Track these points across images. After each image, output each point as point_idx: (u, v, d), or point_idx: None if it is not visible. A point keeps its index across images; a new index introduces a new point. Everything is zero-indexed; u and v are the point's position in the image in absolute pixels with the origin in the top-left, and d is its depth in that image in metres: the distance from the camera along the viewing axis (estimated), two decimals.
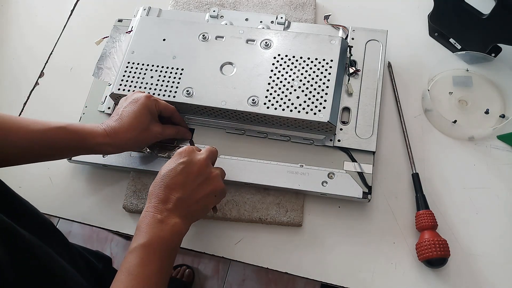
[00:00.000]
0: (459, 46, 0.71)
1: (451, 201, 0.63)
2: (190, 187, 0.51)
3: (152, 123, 0.58)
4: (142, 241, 0.47)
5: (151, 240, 0.47)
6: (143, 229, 0.48)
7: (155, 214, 0.48)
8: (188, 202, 0.51)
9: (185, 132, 0.64)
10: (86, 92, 0.71)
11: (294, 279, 1.24)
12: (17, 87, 0.78)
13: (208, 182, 0.52)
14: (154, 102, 0.58)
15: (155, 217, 0.48)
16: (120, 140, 0.55)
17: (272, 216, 0.62)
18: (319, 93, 0.61)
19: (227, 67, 0.65)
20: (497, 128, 0.65)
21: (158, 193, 0.50)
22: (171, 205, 0.49)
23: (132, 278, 0.45)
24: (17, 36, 0.84)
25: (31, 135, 0.52)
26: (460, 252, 0.60)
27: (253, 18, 0.73)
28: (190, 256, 1.31)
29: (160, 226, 0.48)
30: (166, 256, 0.48)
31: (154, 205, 0.49)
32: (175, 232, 0.49)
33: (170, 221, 0.49)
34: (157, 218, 0.48)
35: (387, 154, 0.66)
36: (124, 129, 0.55)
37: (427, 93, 0.67)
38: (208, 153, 0.55)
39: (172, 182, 0.50)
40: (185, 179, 0.51)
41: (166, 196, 0.50)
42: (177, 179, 0.50)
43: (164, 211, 0.49)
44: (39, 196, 0.67)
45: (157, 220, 0.48)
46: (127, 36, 0.72)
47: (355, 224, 0.62)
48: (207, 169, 0.53)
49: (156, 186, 0.50)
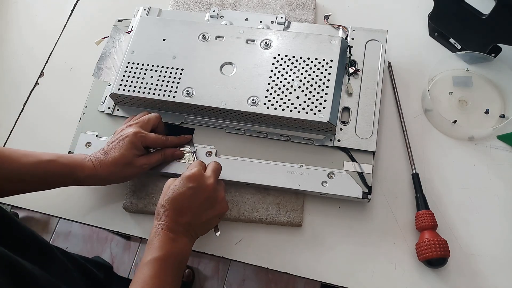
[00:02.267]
0: (459, 46, 0.71)
1: (451, 201, 0.63)
2: (198, 212, 0.54)
3: (136, 158, 0.59)
4: (156, 255, 0.50)
5: (165, 255, 0.50)
6: (156, 245, 0.51)
7: (167, 233, 0.51)
8: (195, 225, 0.54)
9: (172, 152, 0.63)
10: (86, 92, 0.71)
11: (294, 279, 1.24)
12: (17, 87, 0.78)
13: (215, 207, 0.55)
14: (141, 139, 0.59)
15: (167, 235, 0.51)
16: (105, 173, 0.57)
17: (272, 216, 0.62)
18: (319, 93, 0.61)
19: (227, 67, 0.65)
20: (497, 128, 0.65)
21: (167, 213, 0.52)
22: (181, 227, 0.53)
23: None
24: (17, 36, 0.84)
25: (23, 168, 0.54)
26: (460, 252, 0.60)
27: (253, 18, 0.73)
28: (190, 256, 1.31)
29: (172, 244, 0.51)
30: (177, 270, 0.52)
31: (166, 225, 0.52)
32: (184, 249, 0.53)
33: (181, 240, 0.52)
34: (170, 237, 0.51)
35: (387, 154, 0.66)
36: (108, 163, 0.57)
37: (427, 93, 0.67)
38: (215, 174, 0.57)
39: (181, 206, 0.53)
40: (194, 204, 0.53)
41: (176, 218, 0.52)
42: (185, 203, 0.53)
43: (175, 231, 0.52)
44: (39, 196, 0.67)
45: (170, 238, 0.51)
46: (127, 36, 0.72)
47: (355, 224, 0.62)
48: (215, 194, 0.55)
49: (165, 206, 0.53)
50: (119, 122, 0.68)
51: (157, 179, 0.65)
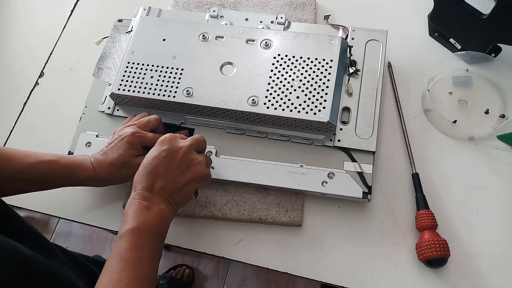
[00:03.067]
0: (459, 46, 0.71)
1: (451, 201, 0.63)
2: (173, 175, 0.52)
3: (135, 158, 0.58)
4: (131, 226, 0.48)
5: (140, 225, 0.48)
6: (131, 215, 0.49)
7: (141, 201, 0.49)
8: (171, 189, 0.52)
9: None
10: (86, 92, 0.71)
11: (294, 279, 1.24)
12: (17, 87, 0.78)
13: (190, 169, 0.53)
14: (138, 138, 0.59)
15: (141, 204, 0.49)
16: (104, 174, 0.57)
17: (272, 216, 0.62)
18: (319, 93, 0.61)
19: (227, 67, 0.65)
20: (497, 128, 0.65)
21: (142, 180, 0.51)
22: (155, 192, 0.51)
23: (124, 263, 0.46)
24: (17, 36, 0.84)
25: (24, 169, 0.54)
26: (460, 252, 0.60)
27: (253, 18, 0.73)
28: (190, 256, 1.31)
29: (147, 212, 0.49)
30: (156, 241, 0.49)
31: (139, 193, 0.50)
32: (162, 217, 0.50)
33: (156, 207, 0.50)
34: (144, 205, 0.49)
35: (387, 154, 0.66)
36: (106, 164, 0.57)
37: (427, 93, 0.67)
38: (192, 141, 0.55)
39: (155, 170, 0.51)
40: (167, 166, 0.52)
41: (150, 183, 0.51)
42: (159, 167, 0.51)
43: (149, 198, 0.50)
44: (39, 196, 0.67)
45: (144, 206, 0.49)
46: (127, 36, 0.72)
47: (355, 224, 0.62)
48: (189, 156, 0.53)
49: (140, 174, 0.51)
50: (119, 122, 0.68)
51: None
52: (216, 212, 0.63)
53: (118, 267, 0.45)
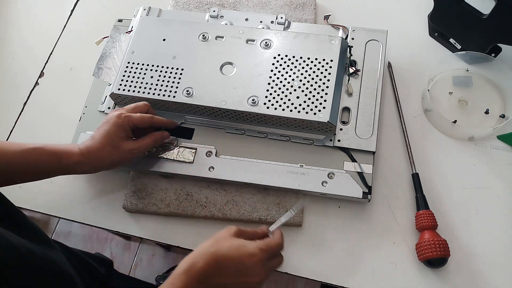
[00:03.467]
0: (459, 46, 0.71)
1: (451, 201, 0.63)
2: (233, 285, 0.47)
3: (123, 141, 0.58)
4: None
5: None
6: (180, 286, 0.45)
7: (195, 284, 0.45)
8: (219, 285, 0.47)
9: (161, 134, 0.63)
10: (86, 92, 0.71)
11: (294, 279, 1.24)
12: (17, 87, 0.78)
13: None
14: (125, 119, 0.58)
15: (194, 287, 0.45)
16: (93, 159, 0.56)
17: (272, 216, 0.62)
18: (319, 93, 0.61)
19: (227, 67, 0.65)
20: (497, 128, 0.65)
21: (209, 262, 0.46)
22: (210, 284, 0.46)
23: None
24: (17, 36, 0.84)
25: (10, 158, 0.54)
26: (460, 252, 0.60)
27: (253, 18, 0.73)
28: None
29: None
30: None
31: (200, 276, 0.46)
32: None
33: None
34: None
35: (387, 154, 0.66)
36: (95, 148, 0.56)
37: (427, 93, 0.67)
38: (277, 265, 0.51)
39: (224, 268, 0.47)
40: (234, 276, 0.47)
41: (212, 274, 0.46)
42: (229, 269, 0.47)
43: (203, 284, 0.46)
44: (39, 196, 0.68)
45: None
46: (127, 36, 0.72)
47: (355, 224, 0.62)
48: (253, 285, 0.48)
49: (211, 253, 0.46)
50: None
51: (157, 179, 0.65)
52: (216, 212, 0.63)
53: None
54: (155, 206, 0.64)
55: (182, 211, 0.63)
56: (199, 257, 0.46)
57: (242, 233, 0.51)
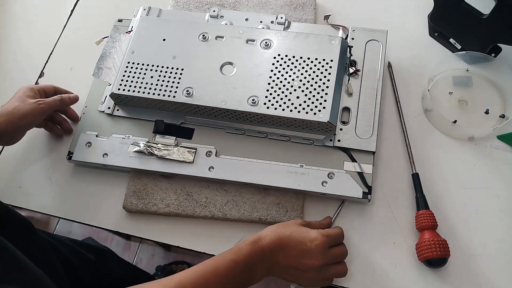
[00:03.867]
0: (459, 46, 0.71)
1: (451, 201, 0.63)
2: (291, 266, 0.53)
3: (30, 97, 0.63)
4: (241, 259, 0.50)
5: (248, 266, 0.50)
6: (246, 254, 0.51)
7: (259, 255, 0.51)
8: (279, 268, 0.53)
9: (69, 97, 0.68)
10: (86, 92, 0.71)
11: None
12: (17, 87, 0.78)
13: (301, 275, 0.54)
14: (31, 86, 0.66)
15: (258, 257, 0.51)
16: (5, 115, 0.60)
17: (272, 216, 0.62)
18: (319, 93, 0.61)
19: (227, 67, 0.65)
20: (497, 128, 0.65)
21: (275, 243, 0.52)
22: (271, 260, 0.52)
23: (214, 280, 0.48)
24: (17, 36, 0.84)
25: None
26: (460, 252, 0.60)
27: (253, 18, 0.73)
28: (190, 256, 1.31)
29: (257, 265, 0.51)
30: (242, 283, 0.51)
31: (264, 249, 0.51)
32: (258, 276, 0.52)
33: (263, 268, 0.52)
34: (259, 259, 0.51)
35: (387, 154, 0.66)
36: (3, 109, 0.61)
37: (427, 93, 0.67)
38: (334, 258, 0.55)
39: (287, 248, 0.52)
40: (295, 257, 0.52)
41: (276, 251, 0.52)
42: (293, 251, 0.52)
43: (266, 259, 0.52)
44: (39, 196, 0.68)
45: (259, 259, 0.51)
46: (127, 36, 0.72)
47: (355, 224, 0.62)
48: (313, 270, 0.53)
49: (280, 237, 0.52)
50: (119, 122, 0.68)
51: (157, 179, 0.65)
52: (216, 212, 0.63)
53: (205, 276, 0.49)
54: (155, 206, 0.64)
55: (182, 211, 0.63)
56: (266, 234, 0.53)
57: (307, 223, 0.57)
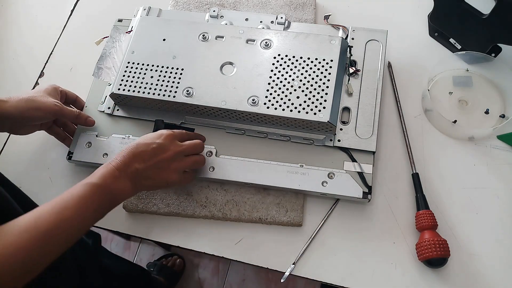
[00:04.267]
0: (459, 46, 0.71)
1: (451, 201, 0.63)
2: (150, 166, 0.55)
3: (51, 96, 0.63)
4: (94, 181, 0.51)
5: (102, 185, 0.51)
6: (99, 174, 0.52)
7: (114, 170, 0.53)
8: (142, 176, 0.55)
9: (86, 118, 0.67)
10: (86, 92, 0.71)
11: (294, 279, 1.24)
12: (17, 87, 0.78)
13: (165, 171, 0.57)
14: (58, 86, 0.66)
15: (113, 172, 0.53)
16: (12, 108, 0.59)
17: (272, 216, 0.62)
18: (319, 93, 0.61)
19: (227, 67, 0.65)
20: (497, 128, 0.65)
21: (124, 156, 0.55)
22: (129, 170, 0.54)
23: (72, 203, 0.49)
24: (17, 36, 0.84)
25: None
26: (460, 252, 0.60)
27: (253, 18, 0.73)
28: (190, 256, 1.31)
29: (114, 181, 0.53)
30: (106, 204, 0.52)
31: (117, 164, 0.54)
32: (123, 192, 0.54)
33: (123, 182, 0.53)
34: (114, 174, 0.53)
35: (387, 154, 0.66)
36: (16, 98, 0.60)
37: (427, 93, 0.67)
38: (186, 147, 0.59)
39: (139, 154, 0.55)
40: (149, 157, 0.55)
41: (129, 161, 0.54)
42: (143, 153, 0.55)
43: (122, 171, 0.54)
44: (39, 196, 0.67)
45: (114, 175, 0.53)
46: (127, 36, 0.72)
47: (355, 224, 0.62)
48: (172, 161, 0.57)
49: (126, 149, 0.55)
50: (119, 122, 0.68)
51: None
52: (216, 212, 0.63)
53: (62, 204, 0.48)
54: (155, 206, 0.64)
55: (182, 211, 0.63)
56: (116, 155, 0.55)
57: None
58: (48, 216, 0.47)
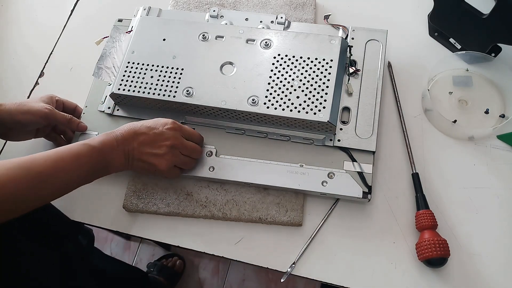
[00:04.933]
0: (459, 46, 0.72)
1: (451, 201, 0.63)
2: (145, 149, 0.58)
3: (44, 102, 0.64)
4: (93, 144, 0.54)
5: (100, 150, 0.54)
6: (99, 140, 0.55)
7: (113, 141, 0.56)
8: (135, 156, 0.58)
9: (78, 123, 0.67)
10: (86, 92, 0.71)
11: (294, 279, 1.24)
12: (18, 87, 0.78)
13: (157, 159, 0.58)
14: (55, 96, 0.67)
15: (112, 142, 0.56)
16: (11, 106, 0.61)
17: (272, 216, 0.62)
18: (319, 93, 0.61)
19: (227, 67, 0.65)
20: (497, 128, 0.65)
21: (125, 132, 0.57)
22: (126, 147, 0.57)
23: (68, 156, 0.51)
24: (17, 36, 0.84)
25: None
26: (460, 252, 0.60)
27: (253, 18, 0.73)
28: (190, 256, 1.31)
29: (111, 150, 0.56)
30: (97, 169, 0.55)
31: (117, 136, 0.57)
32: (116, 163, 0.57)
33: (118, 154, 0.56)
34: (113, 145, 0.56)
35: (387, 154, 0.66)
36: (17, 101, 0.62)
37: (427, 93, 0.67)
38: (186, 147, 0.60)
39: (140, 134, 0.58)
40: (149, 142, 0.58)
41: (129, 139, 0.57)
42: (145, 136, 0.58)
43: (120, 146, 0.57)
44: None
45: (112, 145, 0.56)
46: (127, 36, 0.72)
47: (355, 224, 0.62)
48: (167, 152, 0.58)
49: (129, 126, 0.58)
50: (119, 122, 0.68)
51: (157, 178, 0.65)
52: (216, 212, 0.63)
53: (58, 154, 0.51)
54: (155, 206, 0.64)
55: (182, 211, 0.63)
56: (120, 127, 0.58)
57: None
58: (43, 161, 0.49)
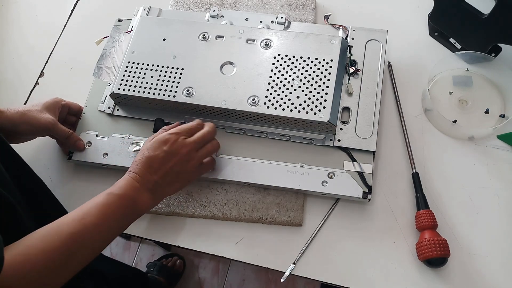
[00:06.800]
0: (459, 46, 0.72)
1: (451, 201, 0.63)
2: (166, 174, 0.55)
3: (50, 111, 0.62)
4: (116, 191, 0.52)
5: (124, 194, 0.52)
6: (119, 185, 0.53)
7: (134, 181, 0.53)
8: (162, 185, 0.55)
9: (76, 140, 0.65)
10: (86, 92, 0.71)
11: (294, 279, 1.24)
12: (17, 87, 0.78)
13: (183, 173, 0.56)
14: (60, 100, 0.65)
15: (133, 183, 0.53)
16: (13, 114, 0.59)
17: (272, 216, 0.62)
18: (319, 93, 0.61)
19: (227, 67, 0.65)
20: (497, 128, 0.65)
21: (140, 169, 0.54)
22: (148, 183, 0.54)
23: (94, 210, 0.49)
24: (17, 36, 0.84)
25: None
26: (460, 252, 0.60)
27: (253, 18, 0.73)
28: (190, 256, 1.31)
29: (134, 191, 0.53)
30: (128, 214, 0.53)
31: (134, 176, 0.54)
32: (144, 202, 0.54)
33: (143, 193, 0.54)
34: (135, 185, 0.53)
35: (387, 154, 0.66)
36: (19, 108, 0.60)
37: (427, 93, 0.67)
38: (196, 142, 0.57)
39: (154, 166, 0.55)
40: (163, 166, 0.55)
41: (145, 175, 0.54)
42: (157, 165, 0.55)
43: (142, 184, 0.54)
44: None
45: (134, 186, 0.53)
46: (127, 36, 0.72)
47: (355, 224, 0.62)
48: (186, 162, 0.56)
49: (139, 163, 0.55)
50: (119, 122, 0.68)
51: None
52: (216, 212, 0.63)
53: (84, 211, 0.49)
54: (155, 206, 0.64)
55: (182, 211, 0.63)
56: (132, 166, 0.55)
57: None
58: (70, 221, 0.47)
